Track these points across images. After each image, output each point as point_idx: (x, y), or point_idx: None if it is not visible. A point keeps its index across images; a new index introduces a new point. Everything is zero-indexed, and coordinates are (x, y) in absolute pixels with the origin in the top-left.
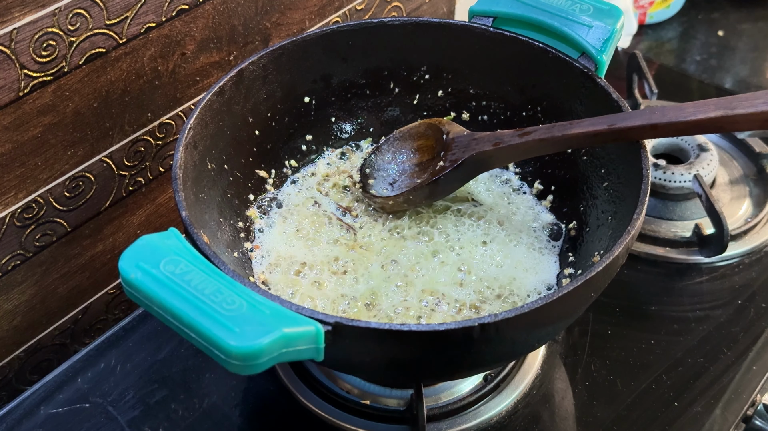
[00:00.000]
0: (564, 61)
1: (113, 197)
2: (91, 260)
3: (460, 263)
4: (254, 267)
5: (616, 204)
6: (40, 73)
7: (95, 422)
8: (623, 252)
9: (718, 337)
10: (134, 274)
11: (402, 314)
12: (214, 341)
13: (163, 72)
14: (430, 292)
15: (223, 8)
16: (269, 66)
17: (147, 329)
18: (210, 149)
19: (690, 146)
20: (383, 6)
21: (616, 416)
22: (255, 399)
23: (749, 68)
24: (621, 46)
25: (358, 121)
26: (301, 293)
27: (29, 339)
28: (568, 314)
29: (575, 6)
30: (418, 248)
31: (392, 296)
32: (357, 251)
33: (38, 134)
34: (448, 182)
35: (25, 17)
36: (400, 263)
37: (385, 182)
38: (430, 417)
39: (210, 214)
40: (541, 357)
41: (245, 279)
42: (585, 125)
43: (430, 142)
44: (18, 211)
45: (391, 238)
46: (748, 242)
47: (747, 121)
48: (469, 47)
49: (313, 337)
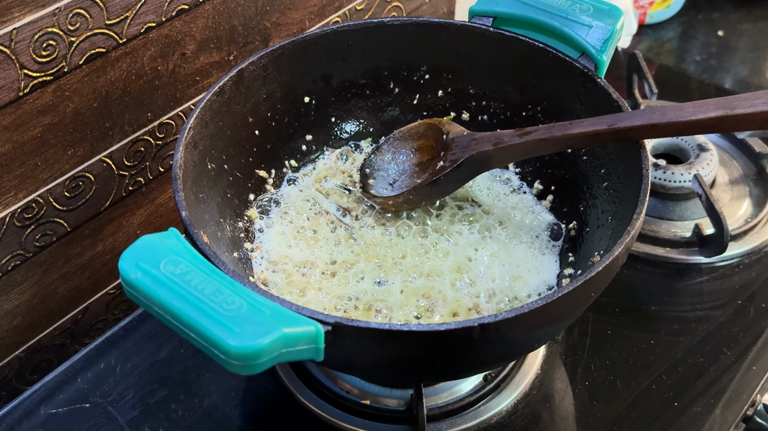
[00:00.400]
0: (564, 61)
1: (113, 197)
2: (91, 260)
3: (460, 263)
4: (254, 267)
5: (616, 204)
6: (40, 73)
7: (95, 422)
8: (623, 252)
9: (718, 337)
10: (134, 274)
11: (402, 314)
12: (214, 341)
13: (163, 72)
14: (430, 292)
15: (223, 8)
16: (269, 66)
17: (147, 329)
18: (210, 149)
19: (690, 146)
20: (383, 6)
21: (616, 416)
22: (255, 399)
23: (749, 68)
24: (621, 46)
25: (358, 121)
26: (301, 293)
27: (29, 339)
28: (568, 314)
29: (575, 6)
30: (418, 248)
31: (392, 296)
32: (357, 251)
33: (38, 134)
34: (448, 182)
35: (25, 17)
36: (400, 263)
37: (385, 182)
38: (430, 417)
39: (210, 214)
40: (541, 357)
41: (245, 279)
42: (585, 125)
43: (430, 142)
44: (18, 211)
45: (391, 238)
46: (748, 242)
47: (747, 121)
48: (469, 47)
49: (313, 337)
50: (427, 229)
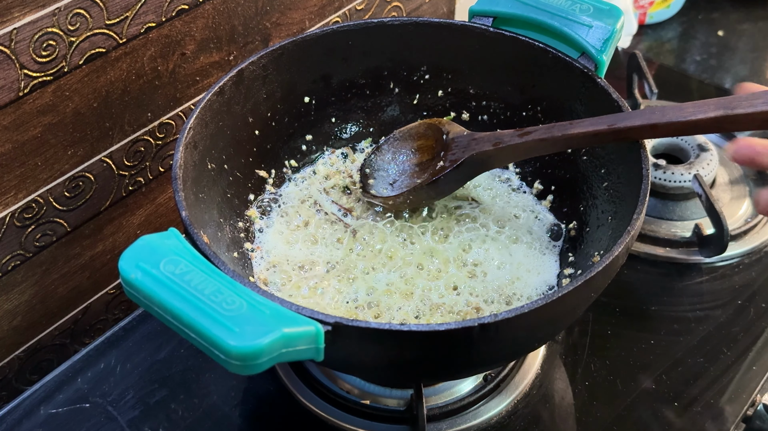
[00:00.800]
0: (564, 61)
1: (113, 197)
2: (91, 260)
3: (460, 263)
4: (254, 267)
5: (616, 204)
6: (40, 73)
7: (95, 422)
8: (623, 252)
9: (718, 337)
10: (134, 274)
11: (402, 314)
12: (214, 341)
13: (163, 72)
14: (430, 292)
15: (223, 8)
16: (269, 66)
17: (147, 329)
18: (210, 149)
19: (690, 146)
20: (383, 6)
21: (616, 416)
22: (255, 399)
23: (749, 68)
24: (621, 46)
25: (358, 121)
26: (301, 293)
27: (29, 339)
28: (568, 314)
29: (575, 6)
30: (419, 248)
31: (392, 296)
32: (357, 251)
33: (38, 134)
34: (448, 182)
35: (25, 17)
36: (400, 263)
37: (385, 182)
38: (430, 417)
39: (210, 214)
40: (541, 357)
41: (245, 279)
42: (585, 125)
43: (430, 142)
44: (18, 211)
45: (391, 239)
46: (748, 242)
47: (747, 121)
48: (469, 47)
49: (313, 337)
50: (428, 230)
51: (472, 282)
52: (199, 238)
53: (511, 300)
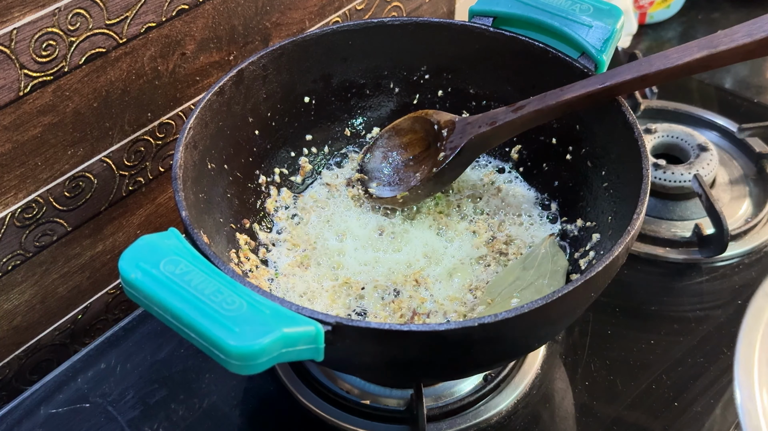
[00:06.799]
0: (564, 61)
1: (113, 197)
2: (91, 260)
3: (460, 263)
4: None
5: (616, 204)
6: (40, 73)
7: (95, 422)
8: (623, 252)
9: (718, 337)
10: (134, 274)
11: (402, 314)
12: (214, 341)
13: (163, 72)
14: (430, 292)
15: (223, 8)
16: (269, 66)
17: (147, 329)
18: (210, 149)
19: (690, 146)
20: (383, 6)
21: (616, 416)
22: (255, 399)
23: (749, 68)
24: (621, 46)
25: (359, 121)
26: (301, 293)
27: (29, 339)
28: (568, 314)
29: (575, 6)
30: (419, 249)
31: (392, 296)
32: (357, 251)
33: (38, 134)
34: (453, 169)
35: (25, 17)
36: (402, 263)
37: (385, 183)
38: (430, 417)
39: (210, 214)
40: (541, 357)
41: (245, 279)
42: (577, 88)
43: (419, 135)
44: (18, 211)
45: (392, 239)
46: (748, 242)
47: (731, 56)
48: (469, 47)
49: (313, 337)
50: (428, 231)
51: (473, 283)
52: (199, 238)
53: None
